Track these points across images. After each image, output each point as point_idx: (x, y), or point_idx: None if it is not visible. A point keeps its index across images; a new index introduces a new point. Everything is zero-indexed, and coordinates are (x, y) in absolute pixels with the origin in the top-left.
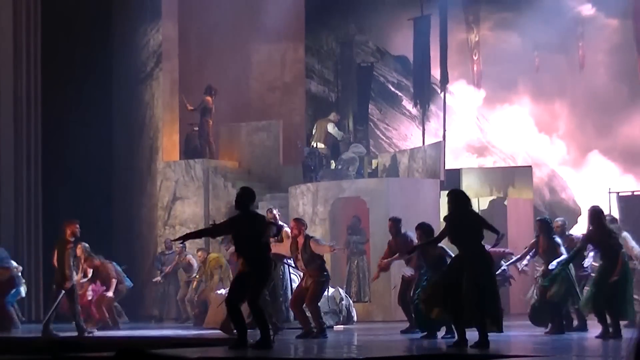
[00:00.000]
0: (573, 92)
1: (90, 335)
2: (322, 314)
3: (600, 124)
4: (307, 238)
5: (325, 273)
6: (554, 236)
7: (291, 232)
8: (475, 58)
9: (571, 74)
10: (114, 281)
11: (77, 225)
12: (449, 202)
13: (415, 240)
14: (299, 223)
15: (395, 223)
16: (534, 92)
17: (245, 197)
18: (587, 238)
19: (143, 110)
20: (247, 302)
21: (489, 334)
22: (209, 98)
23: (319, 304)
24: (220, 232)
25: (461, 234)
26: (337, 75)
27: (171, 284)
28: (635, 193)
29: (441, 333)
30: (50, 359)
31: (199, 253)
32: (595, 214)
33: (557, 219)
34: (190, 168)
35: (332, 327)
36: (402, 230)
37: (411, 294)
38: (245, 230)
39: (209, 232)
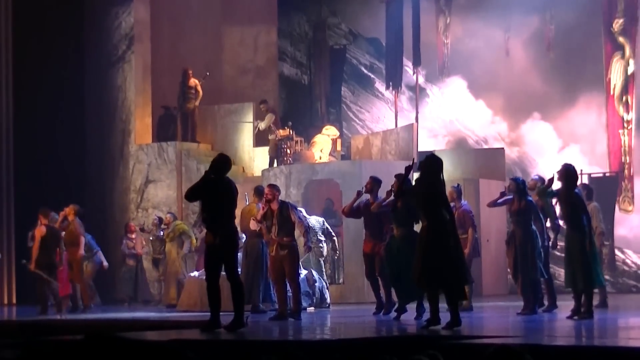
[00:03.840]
0: (537, 76)
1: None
2: None
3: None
4: (283, 204)
5: (295, 237)
6: (529, 197)
7: (265, 197)
8: (446, 42)
9: (542, 57)
10: (83, 239)
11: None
12: (423, 166)
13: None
14: (273, 189)
15: (375, 183)
16: (506, 76)
17: (221, 163)
18: (559, 195)
19: (115, 93)
20: (227, 277)
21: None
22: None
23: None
24: (196, 195)
25: (428, 202)
26: (309, 57)
27: (142, 266)
28: (607, 174)
29: (413, 314)
30: (21, 343)
31: (167, 216)
32: (568, 172)
33: (533, 176)
34: (163, 151)
35: (305, 309)
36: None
37: (378, 270)
38: (217, 196)
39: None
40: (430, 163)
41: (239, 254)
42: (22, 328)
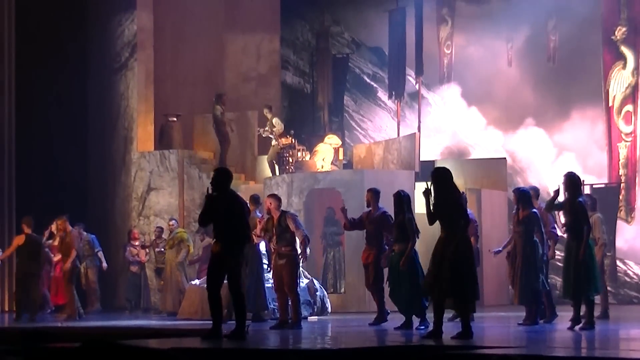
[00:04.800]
0: (540, 86)
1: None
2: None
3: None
4: (283, 213)
5: (296, 246)
6: (533, 209)
7: (265, 207)
8: (447, 52)
9: (542, 67)
10: (74, 252)
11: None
12: (434, 180)
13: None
14: (274, 198)
15: (374, 194)
16: (506, 87)
17: (222, 178)
18: (564, 204)
19: (118, 101)
20: (229, 288)
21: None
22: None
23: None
24: (208, 218)
25: (445, 212)
26: (312, 66)
27: (145, 274)
28: (608, 185)
29: (416, 323)
30: (22, 350)
31: (171, 222)
32: (571, 180)
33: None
34: (165, 159)
35: (306, 318)
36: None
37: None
38: (223, 211)
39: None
40: (439, 175)
41: None
42: (23, 335)
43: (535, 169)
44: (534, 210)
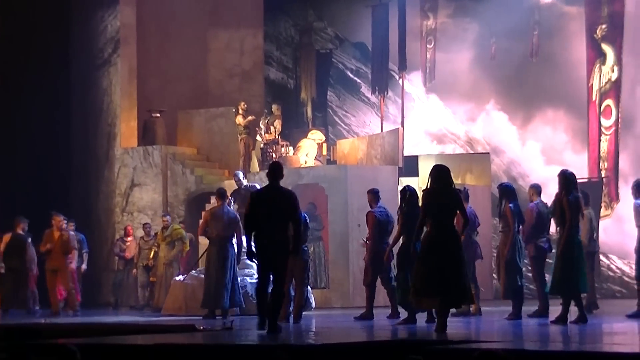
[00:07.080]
0: (524, 81)
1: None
2: None
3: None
4: None
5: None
6: (510, 204)
7: None
8: (429, 46)
9: (525, 62)
10: (76, 252)
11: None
12: (434, 178)
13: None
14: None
15: (373, 195)
16: (490, 81)
17: (270, 171)
18: (558, 202)
19: (101, 97)
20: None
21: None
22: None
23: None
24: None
25: (440, 211)
26: (296, 62)
27: (129, 270)
28: (592, 179)
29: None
30: (6, 346)
31: (165, 218)
32: (564, 177)
33: (532, 184)
34: (149, 154)
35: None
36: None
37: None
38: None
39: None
40: (439, 173)
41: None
42: (7, 332)
43: (520, 163)
44: (510, 204)
